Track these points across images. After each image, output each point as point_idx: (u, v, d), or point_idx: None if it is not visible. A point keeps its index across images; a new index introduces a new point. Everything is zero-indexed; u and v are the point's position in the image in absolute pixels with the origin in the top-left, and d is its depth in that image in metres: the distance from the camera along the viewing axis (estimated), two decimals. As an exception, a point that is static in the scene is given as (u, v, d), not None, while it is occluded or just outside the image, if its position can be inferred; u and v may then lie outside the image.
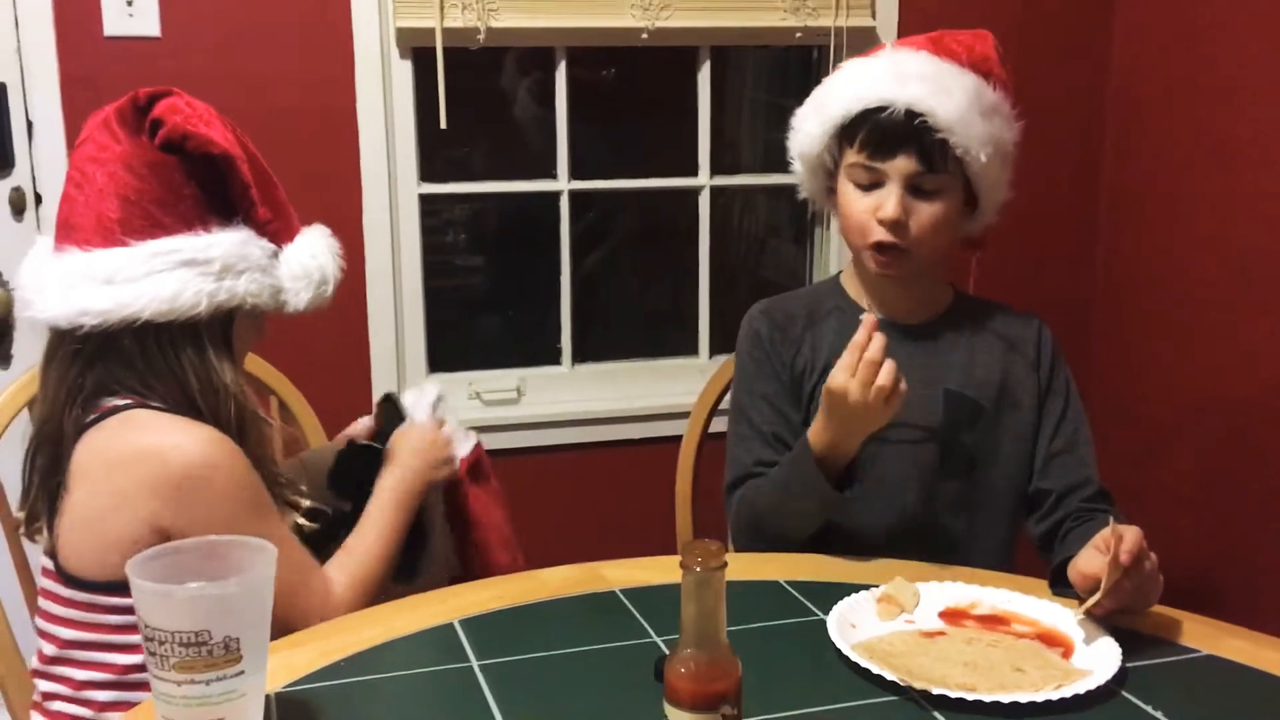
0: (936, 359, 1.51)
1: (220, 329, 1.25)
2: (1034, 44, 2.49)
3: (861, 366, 1.30)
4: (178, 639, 0.86)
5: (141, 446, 1.18)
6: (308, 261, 1.28)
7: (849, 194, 1.47)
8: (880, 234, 1.43)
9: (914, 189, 1.43)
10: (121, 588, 1.13)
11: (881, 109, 1.41)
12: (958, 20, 2.40)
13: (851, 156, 1.45)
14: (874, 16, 2.39)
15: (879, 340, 1.30)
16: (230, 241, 1.22)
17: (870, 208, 1.44)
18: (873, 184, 1.44)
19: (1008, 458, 1.50)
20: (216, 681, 0.87)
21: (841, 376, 1.31)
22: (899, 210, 1.41)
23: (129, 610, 1.14)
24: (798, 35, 2.33)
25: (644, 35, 2.27)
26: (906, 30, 2.14)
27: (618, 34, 2.29)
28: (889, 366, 1.30)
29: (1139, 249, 2.53)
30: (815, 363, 1.52)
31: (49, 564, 1.23)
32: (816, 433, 1.37)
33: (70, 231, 1.22)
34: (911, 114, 1.40)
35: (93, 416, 1.20)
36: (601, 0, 2.26)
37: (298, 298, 1.28)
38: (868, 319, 1.33)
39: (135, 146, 1.21)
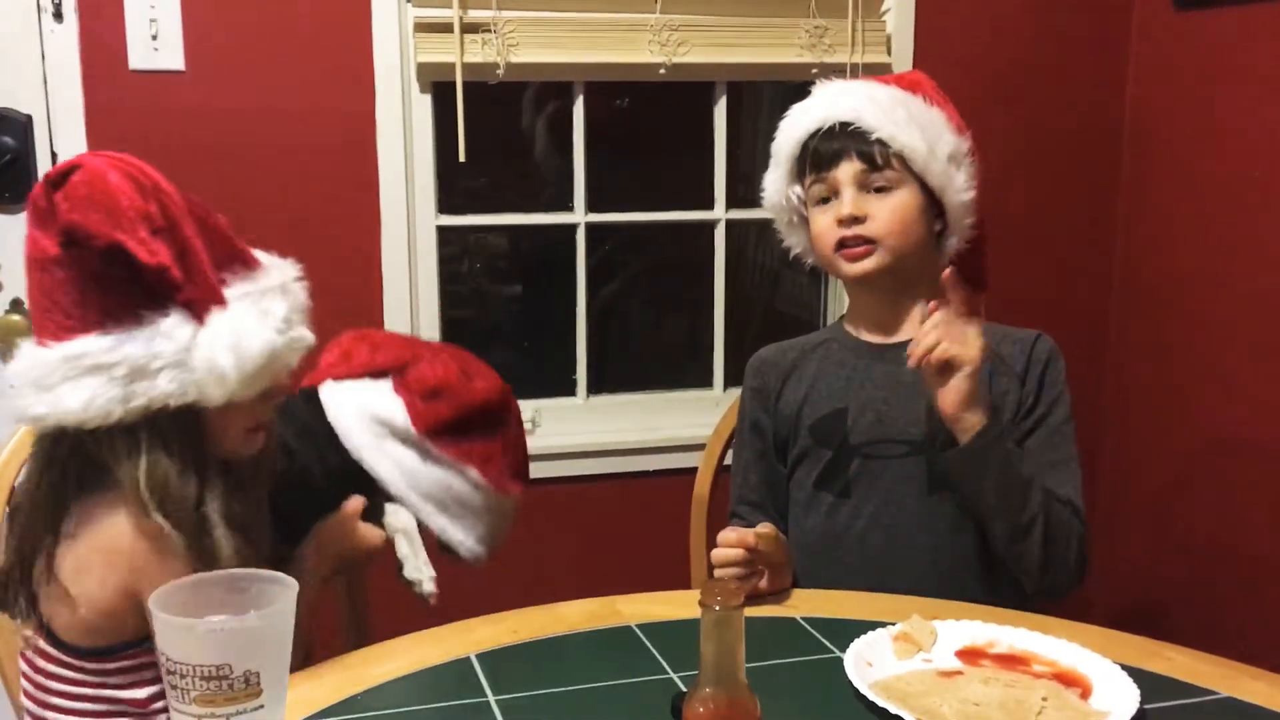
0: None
1: (169, 426, 1.13)
2: (1048, 76, 2.50)
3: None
4: (199, 672, 0.87)
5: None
6: (218, 352, 1.11)
7: (814, 215, 1.58)
8: (841, 232, 1.52)
9: (867, 188, 1.52)
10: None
11: (818, 131, 1.54)
12: (971, 54, 2.44)
13: (808, 181, 1.57)
14: (889, 53, 2.41)
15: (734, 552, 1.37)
16: (138, 340, 1.10)
17: (832, 218, 1.54)
18: (829, 197, 1.55)
19: None
20: (237, 716, 0.88)
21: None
22: (853, 205, 1.51)
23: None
24: (814, 71, 2.34)
25: (661, 71, 2.29)
26: (921, 65, 2.15)
27: (636, 69, 2.30)
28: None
29: (1155, 283, 2.52)
30: (800, 392, 1.62)
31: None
32: None
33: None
34: (845, 125, 1.52)
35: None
36: (619, 36, 2.28)
37: (210, 394, 1.12)
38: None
39: (43, 239, 1.12)
